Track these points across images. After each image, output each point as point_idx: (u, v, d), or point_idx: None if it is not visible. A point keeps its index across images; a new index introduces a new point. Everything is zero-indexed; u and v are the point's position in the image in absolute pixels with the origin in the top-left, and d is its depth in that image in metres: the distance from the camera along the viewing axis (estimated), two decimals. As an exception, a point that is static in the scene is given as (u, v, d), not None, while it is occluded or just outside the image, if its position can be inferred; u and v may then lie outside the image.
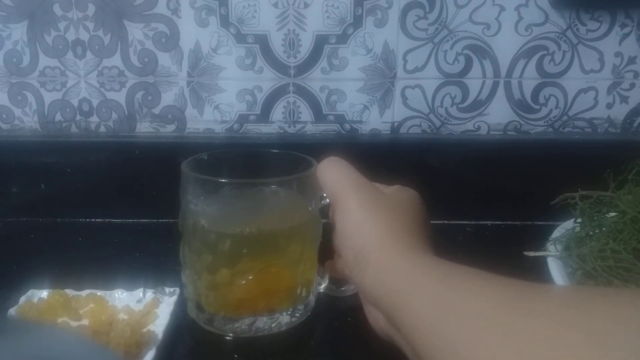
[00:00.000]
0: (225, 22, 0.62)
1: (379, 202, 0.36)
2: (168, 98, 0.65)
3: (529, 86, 0.64)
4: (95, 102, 0.65)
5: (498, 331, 0.24)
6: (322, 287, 0.46)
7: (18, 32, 0.63)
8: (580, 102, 0.64)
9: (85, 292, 0.43)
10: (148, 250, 0.55)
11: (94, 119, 0.66)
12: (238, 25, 0.62)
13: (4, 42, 0.63)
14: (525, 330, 0.23)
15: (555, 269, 0.45)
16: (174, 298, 0.43)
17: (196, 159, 0.43)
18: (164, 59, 0.63)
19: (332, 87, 0.64)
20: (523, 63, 0.63)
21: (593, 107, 0.65)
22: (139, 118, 0.66)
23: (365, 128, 0.66)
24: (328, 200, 0.41)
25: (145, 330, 0.39)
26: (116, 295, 0.44)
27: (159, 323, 0.40)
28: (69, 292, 0.43)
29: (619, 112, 0.65)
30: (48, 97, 0.65)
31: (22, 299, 0.42)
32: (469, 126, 0.65)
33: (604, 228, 0.45)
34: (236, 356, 0.39)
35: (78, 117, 0.66)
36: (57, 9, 0.62)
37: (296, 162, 0.42)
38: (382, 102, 0.65)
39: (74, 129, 0.66)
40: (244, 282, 0.40)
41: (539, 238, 0.50)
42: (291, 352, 0.41)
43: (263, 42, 0.62)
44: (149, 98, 0.65)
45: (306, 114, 0.65)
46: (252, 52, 0.63)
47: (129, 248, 0.57)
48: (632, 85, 0.64)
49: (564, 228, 0.50)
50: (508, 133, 0.66)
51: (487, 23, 0.62)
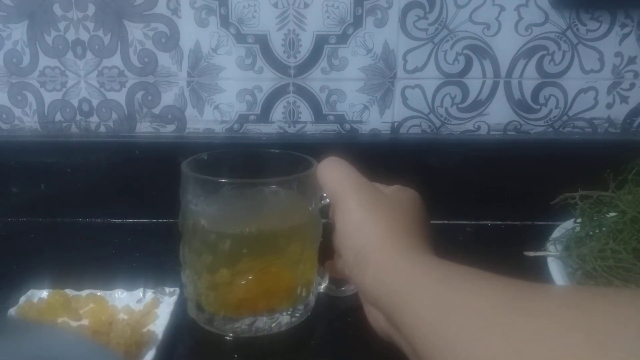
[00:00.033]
0: (225, 22, 0.62)
1: (379, 202, 0.36)
2: (168, 98, 0.65)
3: (529, 86, 0.64)
4: (95, 102, 0.65)
5: (498, 331, 0.24)
6: (322, 287, 0.46)
7: (18, 32, 0.63)
8: (580, 102, 0.64)
9: (85, 292, 0.44)
10: (148, 250, 0.55)
11: (94, 119, 0.66)
12: (238, 25, 0.62)
13: (4, 42, 0.63)
14: (525, 330, 0.23)
15: (555, 269, 0.45)
16: (174, 298, 0.43)
17: (196, 159, 0.43)
18: (164, 59, 0.63)
19: (332, 87, 0.64)
20: (523, 63, 0.63)
21: (593, 107, 0.65)
22: (139, 118, 0.66)
23: (365, 128, 0.66)
24: (328, 200, 0.41)
25: (145, 330, 0.39)
26: (116, 295, 0.44)
27: (159, 323, 0.40)
28: (69, 292, 0.43)
29: (619, 112, 0.65)
30: (48, 97, 0.65)
31: (22, 299, 0.42)
32: (469, 126, 0.65)
33: (604, 228, 0.45)
34: (236, 356, 0.39)
35: (78, 117, 0.66)
36: (57, 9, 0.62)
37: (296, 162, 0.42)
38: (382, 102, 0.65)
39: (74, 129, 0.66)
40: (244, 282, 0.40)
41: (539, 238, 0.50)
42: (291, 352, 0.41)
43: (263, 42, 0.62)
44: (149, 98, 0.65)
45: (306, 114, 0.65)
46: (252, 52, 0.63)
47: (129, 248, 0.57)
48: (632, 85, 0.64)
49: (564, 228, 0.50)
50: (508, 133, 0.66)
51: (487, 23, 0.62)
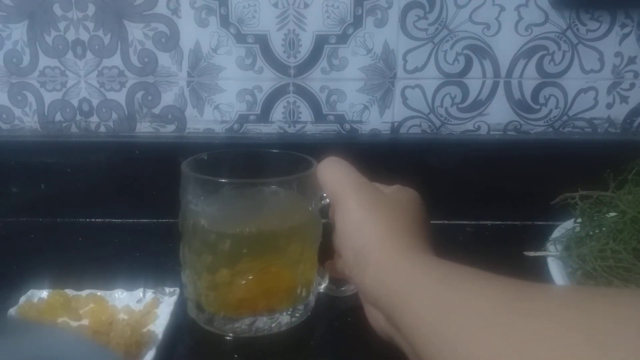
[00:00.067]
0: (225, 22, 0.62)
1: (379, 202, 0.36)
2: (168, 98, 0.65)
3: (529, 86, 0.64)
4: (95, 102, 0.65)
5: (498, 331, 0.24)
6: (322, 287, 0.46)
7: (18, 32, 0.63)
8: (580, 102, 0.64)
9: (85, 292, 0.44)
10: (148, 250, 0.55)
11: (94, 119, 0.66)
12: (238, 25, 0.62)
13: (4, 42, 0.63)
14: (525, 330, 0.23)
15: (555, 269, 0.45)
16: (174, 298, 0.43)
17: (196, 159, 0.43)
18: (164, 59, 0.63)
19: (332, 87, 0.64)
20: (523, 63, 0.63)
21: (593, 107, 0.65)
22: (139, 118, 0.66)
23: (365, 128, 0.66)
24: (328, 200, 0.41)
25: (145, 330, 0.39)
26: (116, 295, 0.44)
27: (159, 323, 0.40)
28: (69, 292, 0.43)
29: (619, 112, 0.65)
30: (48, 97, 0.65)
31: (22, 299, 0.42)
32: (469, 126, 0.65)
33: (604, 228, 0.45)
34: (236, 356, 0.39)
35: (78, 117, 0.66)
36: (57, 9, 0.62)
37: (296, 162, 0.42)
38: (382, 102, 0.65)
39: (74, 129, 0.66)
40: (244, 282, 0.40)
41: (539, 238, 0.50)
42: (291, 352, 0.41)
43: (263, 42, 0.62)
44: (149, 98, 0.65)
45: (306, 114, 0.65)
46: (252, 52, 0.63)
47: (129, 248, 0.57)
48: (632, 85, 0.64)
49: (564, 228, 0.50)
50: (508, 133, 0.66)
51: (487, 23, 0.62)
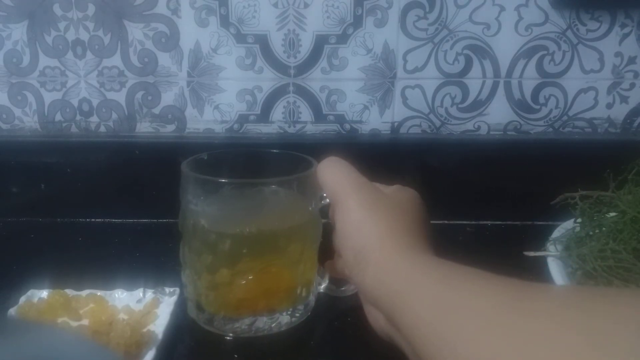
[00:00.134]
0: (225, 22, 0.62)
1: (379, 202, 0.36)
2: (168, 98, 0.65)
3: (529, 86, 0.64)
4: (95, 102, 0.65)
5: (498, 331, 0.24)
6: (322, 287, 0.46)
7: (18, 32, 0.63)
8: (580, 102, 0.64)
9: (85, 292, 0.43)
10: (148, 250, 0.55)
11: (94, 119, 0.66)
12: (238, 25, 0.62)
13: (4, 42, 0.63)
14: (525, 330, 0.23)
15: (555, 269, 0.45)
16: (174, 298, 0.43)
17: (196, 159, 0.43)
18: (164, 59, 0.63)
19: (332, 87, 0.64)
20: (523, 63, 0.63)
21: (593, 107, 0.65)
22: (139, 118, 0.66)
23: (365, 128, 0.66)
24: (328, 200, 0.41)
25: (145, 330, 0.39)
26: (116, 295, 0.44)
27: (159, 323, 0.40)
28: (69, 292, 0.43)
29: (619, 112, 0.65)
30: (48, 97, 0.65)
31: (22, 299, 0.42)
32: (469, 126, 0.65)
33: (604, 228, 0.45)
34: (236, 356, 0.39)
35: (78, 117, 0.66)
36: (57, 9, 0.62)
37: (296, 162, 0.42)
38: (382, 102, 0.65)
39: (74, 129, 0.66)
40: (244, 282, 0.40)
41: (539, 238, 0.50)
42: (291, 352, 0.41)
43: (263, 42, 0.62)
44: (149, 98, 0.65)
45: (306, 114, 0.65)
46: (252, 52, 0.63)
47: (129, 248, 0.57)
48: (632, 85, 0.64)
49: (564, 228, 0.50)
50: (508, 133, 0.66)
51: (487, 23, 0.62)
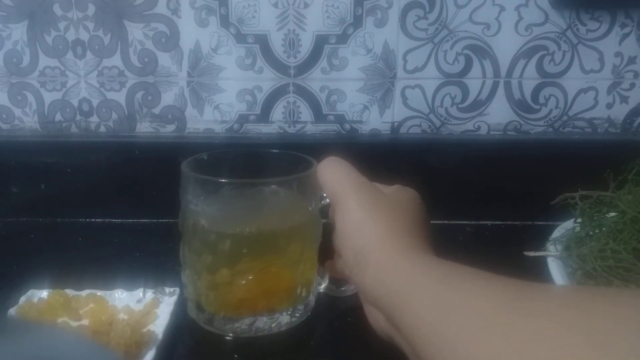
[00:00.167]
0: (225, 22, 0.62)
1: (379, 202, 0.36)
2: (168, 98, 0.65)
3: (529, 86, 0.64)
4: (95, 102, 0.65)
5: (498, 331, 0.24)
6: (322, 287, 0.46)
7: (18, 32, 0.63)
8: (580, 102, 0.64)
9: (85, 292, 0.43)
10: (148, 250, 0.55)
11: (94, 119, 0.66)
12: (238, 25, 0.62)
13: (4, 42, 0.63)
14: (525, 330, 0.23)
15: (555, 269, 0.45)
16: (174, 298, 0.43)
17: (196, 159, 0.43)
18: (164, 59, 0.63)
19: (332, 87, 0.64)
20: (523, 63, 0.63)
21: (593, 107, 0.65)
22: (139, 118, 0.66)
23: (365, 128, 0.66)
24: (328, 200, 0.41)
25: (145, 330, 0.39)
26: (116, 295, 0.44)
27: (159, 323, 0.40)
28: (69, 292, 0.43)
29: (619, 112, 0.65)
30: (48, 97, 0.65)
31: (22, 299, 0.42)
32: (469, 126, 0.65)
33: (604, 228, 0.45)
34: (236, 356, 0.39)
35: (78, 117, 0.66)
36: (57, 9, 0.62)
37: (296, 162, 0.42)
38: (382, 102, 0.65)
39: (74, 129, 0.66)
40: (244, 282, 0.40)
41: (539, 238, 0.50)
42: (291, 352, 0.41)
43: (263, 42, 0.62)
44: (149, 98, 0.65)
45: (306, 114, 0.65)
46: (252, 52, 0.63)
47: (129, 248, 0.57)
48: (632, 85, 0.64)
49: (564, 228, 0.50)
50: (508, 133, 0.66)
51: (487, 23, 0.62)
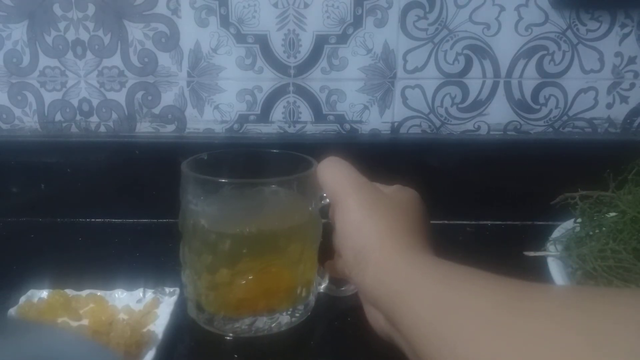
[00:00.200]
0: (225, 22, 0.62)
1: (379, 202, 0.36)
2: (168, 98, 0.65)
3: (529, 86, 0.64)
4: (95, 102, 0.65)
5: (498, 331, 0.24)
6: (322, 287, 0.46)
7: (18, 32, 0.63)
8: (580, 102, 0.64)
9: (85, 292, 0.43)
10: (148, 250, 0.55)
11: (94, 119, 0.66)
12: (238, 25, 0.62)
13: (4, 42, 0.63)
14: (525, 330, 0.23)
15: (555, 269, 0.45)
16: (174, 298, 0.43)
17: (196, 159, 0.43)
18: (164, 59, 0.63)
19: (332, 87, 0.64)
20: (523, 63, 0.63)
21: (593, 107, 0.65)
22: (139, 118, 0.66)
23: (365, 128, 0.66)
24: (328, 200, 0.41)
25: (145, 330, 0.39)
26: (116, 295, 0.44)
27: (159, 323, 0.40)
28: (69, 292, 0.43)
29: (619, 112, 0.65)
30: (48, 97, 0.65)
31: (22, 299, 0.42)
32: (469, 126, 0.65)
33: (604, 228, 0.45)
34: (236, 356, 0.39)
35: (78, 117, 0.66)
36: (57, 9, 0.62)
37: (296, 162, 0.42)
38: (382, 102, 0.65)
39: (74, 129, 0.66)
40: (244, 282, 0.40)
41: (539, 238, 0.50)
42: (291, 352, 0.41)
43: (263, 42, 0.62)
44: (149, 98, 0.65)
45: (306, 114, 0.65)
46: (252, 52, 0.63)
47: (129, 248, 0.57)
48: (632, 85, 0.64)
49: (564, 228, 0.50)
50: (508, 133, 0.66)
51: (487, 23, 0.62)
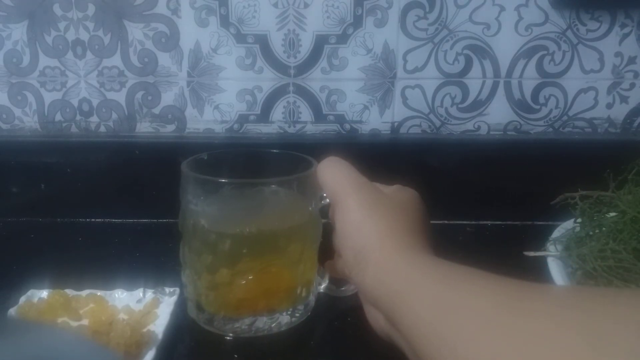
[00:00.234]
0: (225, 22, 0.62)
1: (379, 202, 0.36)
2: (168, 98, 0.65)
3: (529, 86, 0.64)
4: (95, 102, 0.65)
5: (497, 331, 0.24)
6: (322, 287, 0.46)
7: (18, 32, 0.63)
8: (580, 102, 0.64)
9: (85, 292, 0.44)
10: (148, 250, 0.55)
11: (94, 119, 0.66)
12: (238, 25, 0.62)
13: (4, 42, 0.63)
14: (525, 330, 0.23)
15: (555, 269, 0.45)
16: (174, 298, 0.43)
17: (196, 159, 0.43)
18: (164, 59, 0.63)
19: (332, 87, 0.64)
20: (523, 63, 0.63)
21: (593, 107, 0.65)
22: (139, 118, 0.66)
23: (365, 128, 0.66)
24: (328, 200, 0.41)
25: (145, 330, 0.39)
26: (116, 295, 0.44)
27: (159, 323, 0.40)
28: (69, 292, 0.43)
29: (619, 112, 0.65)
30: (48, 97, 0.65)
31: (22, 299, 0.42)
32: (469, 126, 0.65)
33: (604, 228, 0.45)
34: (236, 356, 0.39)
35: (78, 117, 0.66)
36: (57, 9, 0.62)
37: (296, 162, 0.42)
38: (382, 102, 0.65)
39: (74, 129, 0.66)
40: (244, 282, 0.40)
41: (539, 238, 0.50)
42: (291, 352, 0.41)
43: (263, 42, 0.62)
44: (149, 98, 0.65)
45: (306, 114, 0.65)
46: (252, 52, 0.63)
47: (129, 248, 0.57)
48: (632, 85, 0.64)
49: (564, 228, 0.50)
50: (508, 133, 0.66)
51: (487, 23, 0.62)
